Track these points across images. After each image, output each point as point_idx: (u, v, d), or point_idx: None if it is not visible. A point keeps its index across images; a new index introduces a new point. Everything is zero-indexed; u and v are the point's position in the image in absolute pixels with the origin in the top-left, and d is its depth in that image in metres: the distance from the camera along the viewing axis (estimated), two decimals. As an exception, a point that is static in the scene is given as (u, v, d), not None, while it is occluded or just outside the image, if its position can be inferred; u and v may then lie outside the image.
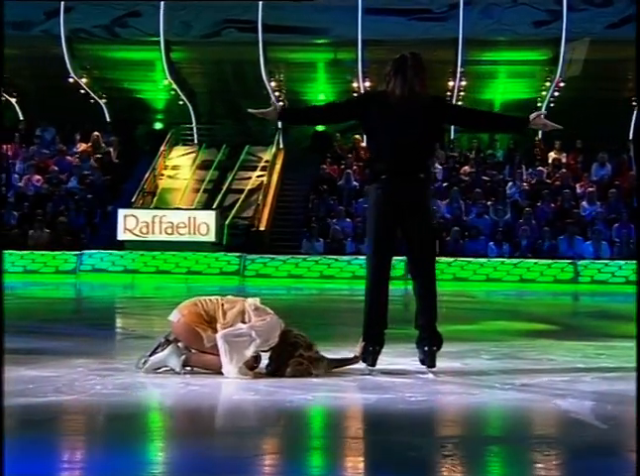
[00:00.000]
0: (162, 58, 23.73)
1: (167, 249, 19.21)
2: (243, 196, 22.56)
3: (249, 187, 23.02)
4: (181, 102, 25.50)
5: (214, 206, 21.80)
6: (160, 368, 5.75)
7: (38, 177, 23.18)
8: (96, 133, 24.51)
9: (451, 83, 23.97)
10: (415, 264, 6.07)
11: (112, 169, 23.97)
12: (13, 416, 4.06)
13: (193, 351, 5.78)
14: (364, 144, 24.27)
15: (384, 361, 6.29)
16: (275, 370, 5.72)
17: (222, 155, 24.45)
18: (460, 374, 5.99)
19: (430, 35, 22.83)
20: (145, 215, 19.98)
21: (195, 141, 25.61)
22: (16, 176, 23.38)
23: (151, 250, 19.24)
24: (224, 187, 22.99)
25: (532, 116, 6.01)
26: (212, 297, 5.88)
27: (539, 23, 23.26)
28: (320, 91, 24.98)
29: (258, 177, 23.43)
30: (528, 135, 25.97)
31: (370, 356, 5.91)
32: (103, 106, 25.64)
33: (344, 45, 23.37)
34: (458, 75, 23.75)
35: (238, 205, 22.17)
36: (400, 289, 17.67)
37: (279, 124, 24.64)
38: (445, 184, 22.76)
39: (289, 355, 5.71)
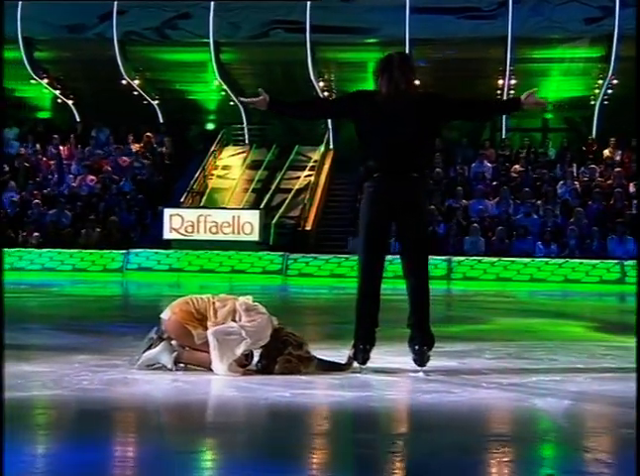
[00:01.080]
0: (212, 59, 23.98)
1: (213, 248, 19.44)
2: (290, 196, 22.71)
3: (297, 187, 23.17)
4: (232, 103, 25.73)
5: (262, 206, 21.98)
6: (153, 364, 5.87)
7: (92, 177, 23.61)
8: (148, 133, 24.88)
9: (500, 82, 23.80)
10: (408, 263, 6.09)
11: (164, 169, 24.32)
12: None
13: (186, 348, 5.90)
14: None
15: (384, 360, 6.34)
16: (265, 367, 5.81)
17: (272, 155, 24.63)
18: (452, 373, 5.99)
19: (479, 33, 22.72)
20: (190, 215, 20.24)
21: (246, 141, 25.82)
22: (71, 176, 23.85)
23: (196, 249, 19.49)
24: (272, 187, 23.17)
25: (524, 96, 6.04)
26: (204, 296, 5.98)
27: (590, 20, 22.97)
28: (371, 91, 24.96)
29: (306, 176, 23.55)
30: (581, 133, 25.68)
31: (360, 354, 5.95)
32: (156, 107, 25.99)
33: (392, 44, 23.29)
34: (507, 74, 23.56)
35: (285, 205, 22.33)
36: (442, 288, 17.71)
37: (329, 124, 24.75)
38: (494, 183, 22.62)
39: (279, 352, 5.79)
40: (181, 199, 22.42)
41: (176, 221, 20.07)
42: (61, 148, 24.95)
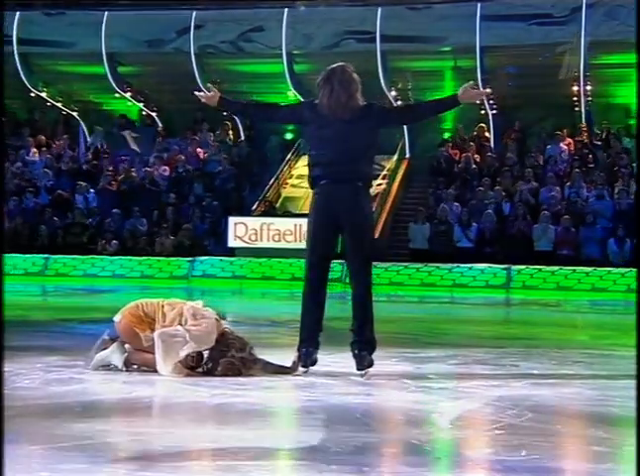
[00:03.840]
0: (286, 70, 24.37)
1: (275, 256, 19.77)
2: (361, 205, 22.78)
3: (368, 196, 23.26)
4: (309, 113, 26.02)
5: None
6: (108, 365, 6.20)
7: (164, 167, 24.23)
8: (227, 122, 25.36)
9: (575, 88, 23.46)
10: (351, 269, 6.28)
11: (241, 177, 24.77)
12: None
13: (138, 350, 6.20)
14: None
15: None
16: (210, 369, 6.06)
17: (346, 164, 24.77)
18: (394, 377, 6.11)
19: (551, 39, 22.48)
20: (253, 223, 20.64)
21: (323, 151, 26.05)
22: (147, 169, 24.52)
23: (260, 257, 19.86)
24: (344, 196, 23.34)
25: (460, 90, 6.13)
26: (154, 300, 6.29)
27: (668, 23, 22.42)
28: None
29: (378, 185, 23.64)
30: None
31: (304, 358, 6.14)
32: (236, 119, 26.49)
33: (464, 52, 23.31)
34: (582, 80, 23.20)
35: (355, 214, 22.42)
36: (500, 297, 17.60)
37: (405, 132, 24.80)
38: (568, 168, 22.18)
39: (222, 355, 6.04)
40: (253, 207, 22.84)
41: (240, 229, 20.51)
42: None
